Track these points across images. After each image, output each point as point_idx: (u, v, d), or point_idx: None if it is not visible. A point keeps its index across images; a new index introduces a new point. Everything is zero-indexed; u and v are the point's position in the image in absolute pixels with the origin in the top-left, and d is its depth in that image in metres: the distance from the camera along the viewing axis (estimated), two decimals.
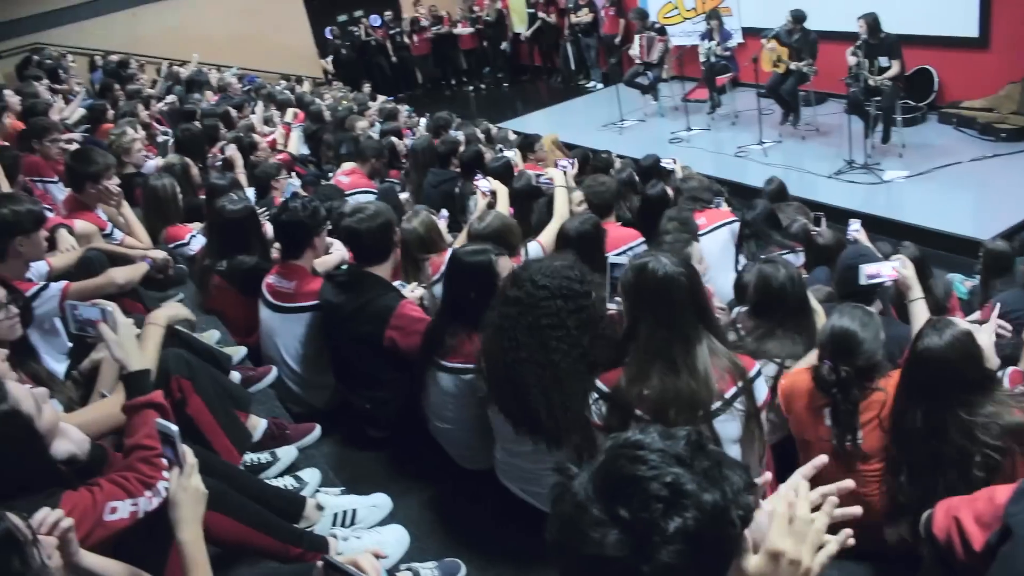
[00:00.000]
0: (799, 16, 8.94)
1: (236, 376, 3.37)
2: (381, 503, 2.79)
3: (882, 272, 3.08)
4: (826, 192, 7.80)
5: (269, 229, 4.00)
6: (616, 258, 3.08)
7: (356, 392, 3.32)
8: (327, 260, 3.72)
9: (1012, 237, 5.35)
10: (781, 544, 1.20)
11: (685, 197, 5.27)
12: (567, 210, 4.35)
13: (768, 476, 1.42)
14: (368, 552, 1.83)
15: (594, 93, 13.52)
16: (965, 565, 1.83)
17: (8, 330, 2.57)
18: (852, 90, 7.99)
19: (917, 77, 9.13)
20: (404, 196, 6.08)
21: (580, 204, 4.58)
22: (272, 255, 3.90)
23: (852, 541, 1.26)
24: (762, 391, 2.35)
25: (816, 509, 1.25)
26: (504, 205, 4.60)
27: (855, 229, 4.14)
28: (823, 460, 1.35)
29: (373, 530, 2.66)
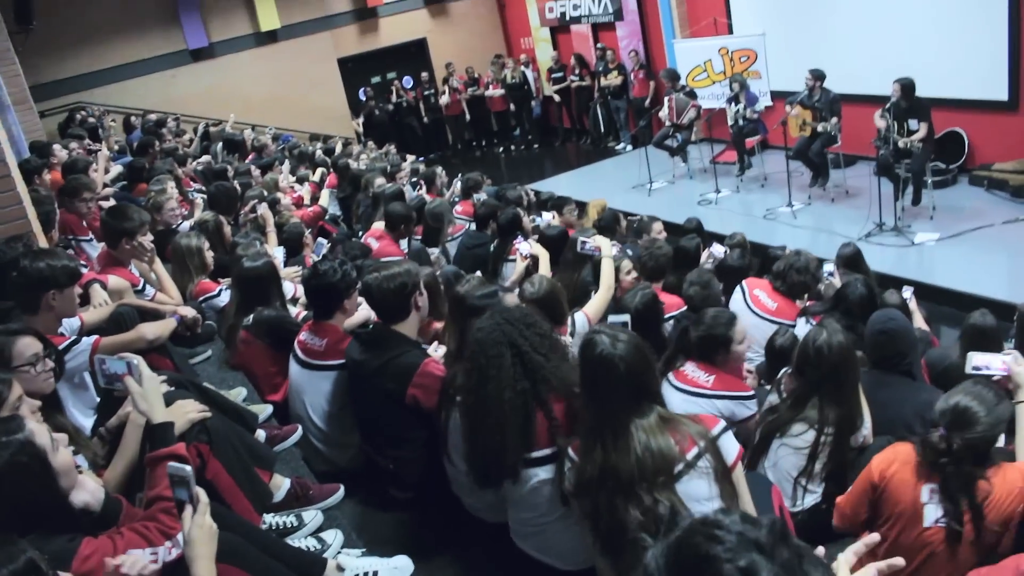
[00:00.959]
0: (819, 74, 8.99)
1: (262, 435, 3.37)
2: (403, 565, 2.76)
3: (992, 365, 2.96)
4: None
5: (289, 287, 4.04)
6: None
7: (380, 451, 3.31)
8: (353, 319, 3.75)
9: None
10: None
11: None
12: (612, 280, 4.35)
13: (876, 537, 1.41)
14: None
15: (623, 155, 13.60)
16: None
17: (44, 383, 2.61)
18: (881, 152, 7.98)
19: (947, 140, 9.11)
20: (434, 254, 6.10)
21: (628, 274, 4.57)
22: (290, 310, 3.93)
23: None
24: (731, 448, 2.29)
25: None
26: (546, 269, 4.61)
27: (908, 298, 4.06)
28: (875, 539, 1.35)
29: None
